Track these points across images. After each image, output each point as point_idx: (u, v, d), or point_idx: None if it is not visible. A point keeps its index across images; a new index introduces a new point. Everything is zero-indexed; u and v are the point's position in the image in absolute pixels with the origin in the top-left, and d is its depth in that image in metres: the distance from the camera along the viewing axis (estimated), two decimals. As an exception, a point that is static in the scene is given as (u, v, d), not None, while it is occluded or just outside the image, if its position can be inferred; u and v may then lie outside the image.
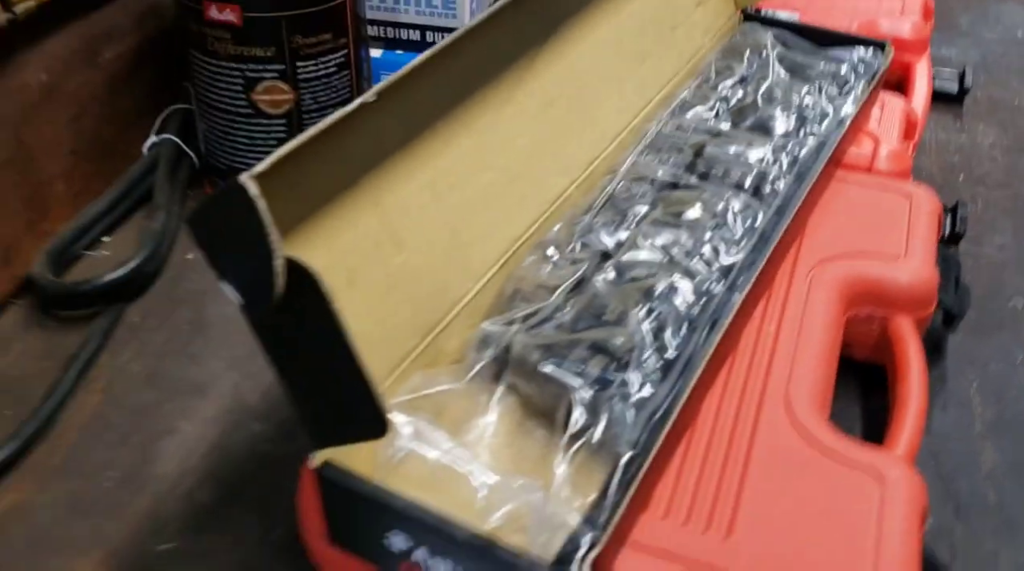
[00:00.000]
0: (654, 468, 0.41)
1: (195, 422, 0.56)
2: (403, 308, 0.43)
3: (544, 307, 0.47)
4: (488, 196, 0.48)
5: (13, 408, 0.56)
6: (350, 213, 0.41)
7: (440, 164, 0.44)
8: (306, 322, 0.34)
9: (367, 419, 0.35)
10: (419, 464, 0.41)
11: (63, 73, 0.64)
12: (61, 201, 0.66)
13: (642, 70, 0.61)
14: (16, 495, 0.52)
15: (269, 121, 0.67)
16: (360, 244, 0.41)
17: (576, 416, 0.42)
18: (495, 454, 0.43)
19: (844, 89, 0.65)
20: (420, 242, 0.44)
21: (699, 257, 0.50)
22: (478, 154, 0.47)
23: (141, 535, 0.50)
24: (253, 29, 0.63)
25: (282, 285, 0.33)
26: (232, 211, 0.32)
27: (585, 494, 0.40)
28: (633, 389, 0.43)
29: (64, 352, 0.59)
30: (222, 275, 0.34)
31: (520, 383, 0.45)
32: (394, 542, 0.38)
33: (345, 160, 0.39)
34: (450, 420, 0.43)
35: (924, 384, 0.52)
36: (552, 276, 0.49)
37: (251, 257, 0.33)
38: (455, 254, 0.46)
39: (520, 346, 0.45)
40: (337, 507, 0.39)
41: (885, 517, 0.43)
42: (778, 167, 0.57)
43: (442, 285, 0.46)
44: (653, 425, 0.41)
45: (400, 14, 0.76)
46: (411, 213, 0.43)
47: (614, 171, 0.57)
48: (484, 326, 0.46)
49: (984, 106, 0.88)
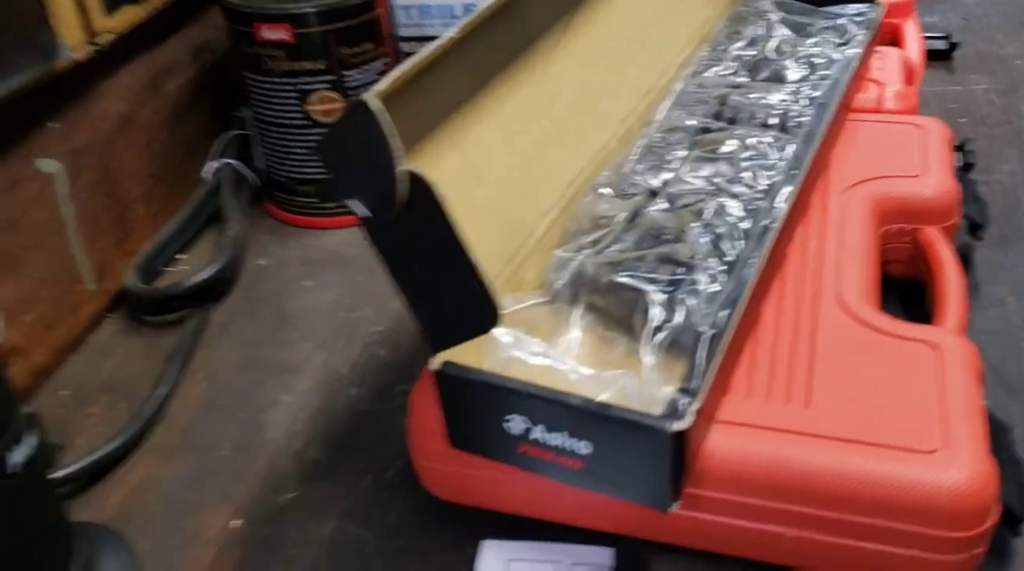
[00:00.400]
0: (731, 350, 0.46)
1: (295, 395, 0.61)
2: (488, 238, 0.48)
3: (607, 233, 0.52)
4: (546, 142, 0.53)
5: (125, 402, 0.61)
6: (435, 154, 0.46)
7: (505, 111, 0.50)
8: (424, 227, 0.39)
9: (481, 311, 0.40)
10: (522, 367, 0.45)
11: (136, 103, 0.70)
12: (142, 222, 0.72)
13: (660, 36, 0.66)
14: (144, 470, 0.56)
15: (324, 129, 0.72)
16: (447, 180, 0.46)
17: (654, 313, 0.47)
18: (584, 362, 0.47)
19: (845, 38, 0.70)
20: (496, 179, 0.49)
21: (740, 182, 0.55)
22: (534, 104, 0.52)
23: (264, 491, 0.54)
24: (304, 44, 0.69)
25: (405, 193, 0.38)
26: (358, 129, 0.37)
27: (674, 375, 0.44)
28: (702, 286, 0.47)
29: (161, 353, 0.64)
30: (348, 194, 0.40)
31: (597, 299, 0.49)
32: (513, 425, 0.42)
33: (428, 105, 0.45)
34: (539, 337, 0.48)
35: (961, 274, 0.57)
36: (609, 210, 0.54)
37: (376, 171, 0.38)
38: (525, 192, 0.51)
39: (592, 266, 0.50)
40: (457, 405, 0.44)
41: (946, 377, 0.47)
42: (798, 106, 0.62)
43: (517, 219, 0.51)
44: (727, 310, 0.46)
45: (427, 28, 0.82)
46: (486, 154, 0.48)
47: (648, 124, 0.62)
48: (557, 253, 0.51)
49: (973, 59, 0.94)
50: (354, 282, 0.70)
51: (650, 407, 0.42)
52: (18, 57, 0.55)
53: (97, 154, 0.66)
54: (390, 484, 0.54)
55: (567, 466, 0.42)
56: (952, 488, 0.42)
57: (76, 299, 0.65)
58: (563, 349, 0.48)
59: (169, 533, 0.52)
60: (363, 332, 0.65)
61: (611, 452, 0.41)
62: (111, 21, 0.63)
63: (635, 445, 0.40)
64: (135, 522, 0.53)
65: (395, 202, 0.38)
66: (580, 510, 0.49)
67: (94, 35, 0.62)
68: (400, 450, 0.56)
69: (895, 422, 0.45)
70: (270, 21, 0.68)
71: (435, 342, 0.43)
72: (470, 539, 0.50)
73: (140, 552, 0.51)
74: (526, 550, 0.49)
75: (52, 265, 0.63)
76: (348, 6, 0.69)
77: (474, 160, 0.48)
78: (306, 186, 0.75)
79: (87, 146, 0.65)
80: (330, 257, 0.73)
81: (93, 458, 0.54)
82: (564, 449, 0.42)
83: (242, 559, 0.50)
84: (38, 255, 0.61)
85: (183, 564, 0.50)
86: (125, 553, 0.50)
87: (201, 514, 0.53)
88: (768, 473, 0.44)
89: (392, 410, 0.59)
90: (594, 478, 0.42)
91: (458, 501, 0.51)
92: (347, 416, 0.59)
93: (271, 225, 0.78)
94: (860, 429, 0.45)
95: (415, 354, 0.63)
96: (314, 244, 0.75)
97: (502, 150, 0.50)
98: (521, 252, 0.51)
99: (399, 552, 0.50)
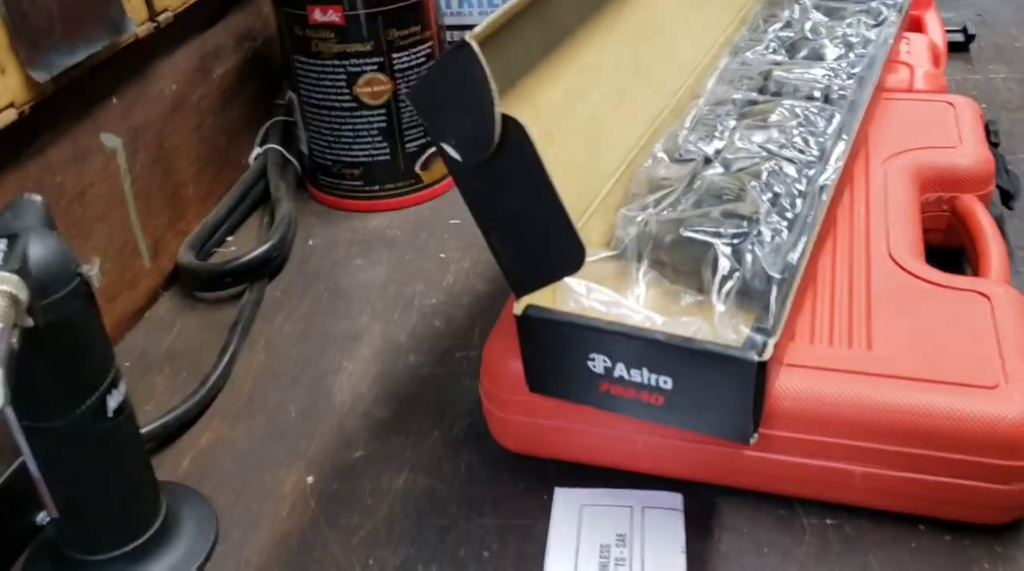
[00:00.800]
0: (797, 298, 0.47)
1: (356, 361, 0.62)
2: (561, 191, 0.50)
3: (669, 193, 0.54)
4: (607, 106, 0.55)
5: (188, 371, 0.62)
6: (514, 108, 0.48)
7: (571, 74, 0.52)
8: (515, 170, 0.41)
9: (567, 253, 0.42)
10: (596, 315, 0.47)
11: (187, 85, 0.71)
12: (193, 203, 0.73)
13: (704, 15, 0.69)
14: (213, 433, 0.57)
15: (371, 112, 0.74)
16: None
17: (723, 264, 0.48)
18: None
19: (878, 20, 0.73)
20: (565, 137, 0.51)
21: (793, 147, 0.57)
22: (596, 70, 0.54)
23: (334, 447, 0.56)
24: (354, 26, 0.71)
25: (498, 135, 0.40)
26: (456, 72, 0.39)
27: (746, 321, 0.46)
28: (767, 238, 0.49)
29: (219, 326, 0.66)
30: (441, 137, 0.41)
31: (662, 255, 0.51)
32: (596, 364, 0.44)
33: (510, 59, 0.46)
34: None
35: (999, 234, 0.59)
36: (669, 173, 0.56)
37: (472, 113, 0.40)
38: (590, 153, 0.53)
39: (657, 224, 0.52)
40: (540, 348, 0.45)
41: (998, 321, 0.49)
42: (840, 80, 0.65)
43: (583, 179, 0.52)
44: (795, 255, 0.47)
45: (466, 17, 0.85)
46: (557, 112, 0.50)
47: (696, 98, 0.64)
48: (622, 212, 0.53)
49: (990, 51, 0.97)
50: (404, 260, 0.72)
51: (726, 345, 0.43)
52: (91, 28, 0.57)
53: (153, 133, 0.67)
54: (457, 439, 0.55)
55: (649, 402, 0.44)
56: (1015, 419, 0.44)
57: (135, 274, 0.67)
58: (632, 302, 0.50)
59: (243, 487, 0.53)
60: (418, 304, 0.67)
61: (693, 386, 0.43)
62: (169, 0, 0.65)
63: (718, 377, 0.42)
64: (210, 479, 0.54)
65: (490, 144, 0.40)
66: (650, 457, 0.50)
67: (155, 13, 0.64)
68: (464, 409, 0.57)
69: (955, 361, 0.47)
70: (322, 3, 0.70)
71: (519, 285, 0.44)
72: (541, 488, 0.51)
73: (217, 506, 0.52)
74: (598, 496, 0.50)
75: (115, 239, 0.64)
76: (397, -11, 0.71)
77: (545, 117, 0.49)
78: (352, 169, 0.77)
79: (144, 124, 0.67)
80: (377, 238, 0.75)
81: (171, 416, 0.56)
82: (646, 385, 0.43)
83: (319, 510, 0.51)
84: (102, 228, 0.63)
85: (261, 515, 0.51)
86: (204, 505, 0.52)
87: (274, 470, 0.54)
88: (838, 411, 0.46)
89: (453, 374, 0.60)
90: (676, 413, 0.44)
91: (529, 452, 0.53)
92: (409, 379, 0.60)
93: (316, 208, 0.79)
94: (923, 368, 0.46)
95: (470, 324, 0.64)
96: (361, 226, 0.77)
97: (569, 111, 0.52)
98: (587, 212, 0.53)
99: (473, 499, 0.51)
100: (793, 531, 0.48)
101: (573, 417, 0.50)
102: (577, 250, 0.42)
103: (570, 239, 0.42)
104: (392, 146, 0.76)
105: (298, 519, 0.51)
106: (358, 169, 0.77)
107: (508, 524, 0.50)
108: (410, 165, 0.77)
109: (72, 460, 0.44)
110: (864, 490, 0.47)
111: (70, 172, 0.59)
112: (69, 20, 0.55)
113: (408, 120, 0.75)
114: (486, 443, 0.54)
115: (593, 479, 0.51)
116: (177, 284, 0.71)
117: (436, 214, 0.77)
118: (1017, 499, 0.46)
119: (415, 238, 0.74)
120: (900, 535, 0.47)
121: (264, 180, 0.79)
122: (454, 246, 0.73)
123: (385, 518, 0.51)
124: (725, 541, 0.48)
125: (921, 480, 0.46)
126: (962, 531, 0.47)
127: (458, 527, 0.50)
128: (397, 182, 0.77)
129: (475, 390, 0.57)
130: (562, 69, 0.51)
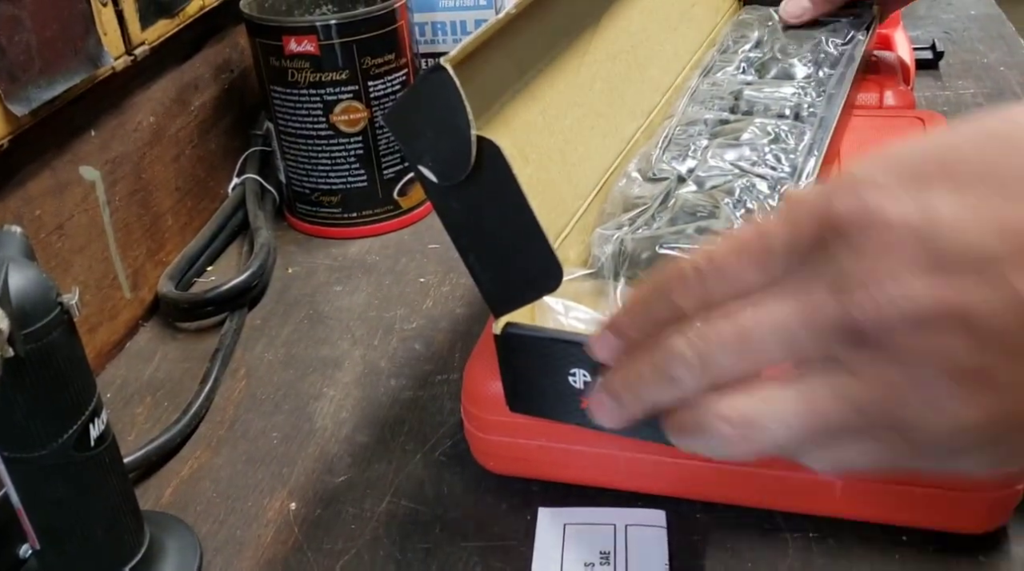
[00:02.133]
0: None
1: (337, 387, 0.62)
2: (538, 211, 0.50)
3: (643, 212, 0.55)
4: (582, 127, 0.56)
5: (169, 401, 0.62)
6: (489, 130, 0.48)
7: (546, 96, 0.52)
8: (490, 191, 0.41)
9: (546, 272, 0.42)
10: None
11: (165, 116, 0.72)
12: (172, 233, 0.73)
13: (675, 37, 0.70)
14: (197, 461, 0.57)
15: (348, 140, 0.75)
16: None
17: (699, 280, 0.49)
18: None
19: (847, 39, 0.74)
20: (541, 158, 0.51)
21: (765, 165, 0.58)
22: (571, 92, 0.55)
23: (316, 473, 0.56)
24: (329, 55, 0.71)
25: (475, 157, 0.40)
26: (431, 95, 0.39)
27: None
28: (741, 254, 0.50)
29: (200, 355, 0.66)
30: (417, 159, 0.42)
31: (639, 272, 0.52)
32: (576, 379, 0.44)
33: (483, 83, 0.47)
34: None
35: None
36: (643, 191, 0.57)
37: (448, 136, 0.40)
38: (566, 173, 0.54)
39: (632, 242, 0.52)
40: (520, 365, 0.45)
41: None
42: (809, 97, 0.66)
43: (559, 199, 0.53)
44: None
45: (439, 45, 0.85)
46: (532, 134, 0.51)
47: (668, 118, 0.65)
48: (598, 230, 0.54)
49: (958, 68, 0.98)
50: (383, 285, 0.72)
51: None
52: (69, 62, 0.57)
53: (131, 165, 0.68)
54: (440, 462, 0.55)
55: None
56: None
57: (116, 305, 0.67)
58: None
59: (227, 514, 0.53)
60: (398, 329, 0.67)
61: (672, 401, 0.43)
62: (146, 33, 0.66)
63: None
64: (193, 507, 0.54)
65: (467, 166, 0.40)
66: (633, 474, 0.50)
67: (132, 46, 0.64)
68: (446, 431, 0.57)
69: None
70: (297, 34, 0.71)
71: (498, 306, 0.45)
72: (524, 508, 0.51)
73: (200, 534, 0.52)
74: (581, 515, 0.50)
75: (94, 270, 0.64)
76: (372, 17, 0.71)
77: (521, 138, 0.50)
78: (330, 197, 0.77)
79: (123, 156, 0.67)
80: (356, 264, 0.75)
81: (153, 446, 0.56)
82: (626, 401, 0.44)
83: (302, 536, 0.51)
84: (82, 260, 0.63)
85: (244, 542, 0.51)
86: (187, 533, 0.52)
87: (257, 497, 0.54)
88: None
89: (434, 397, 0.60)
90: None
91: (512, 473, 0.53)
92: (390, 403, 0.60)
93: (295, 237, 0.80)
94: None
95: (451, 347, 0.65)
96: (340, 252, 0.77)
97: (544, 132, 0.52)
98: (563, 232, 0.53)
99: (457, 521, 0.51)
100: (777, 545, 0.49)
101: (554, 436, 0.50)
102: (554, 269, 0.42)
103: (547, 258, 0.42)
104: (370, 173, 0.76)
105: (282, 545, 0.51)
106: (336, 196, 0.77)
107: (492, 546, 0.50)
108: (388, 191, 0.77)
109: (54, 490, 0.44)
110: (846, 501, 0.48)
111: (49, 204, 0.60)
112: (47, 54, 0.56)
113: (385, 147, 0.76)
114: (469, 465, 0.54)
115: (577, 498, 0.51)
116: (157, 314, 0.71)
117: (415, 239, 0.78)
118: (999, 506, 0.46)
119: (394, 263, 0.75)
120: (884, 547, 0.48)
121: (243, 210, 0.79)
122: (433, 270, 0.73)
123: (369, 543, 0.51)
124: (709, 556, 0.48)
125: (902, 489, 0.46)
126: (945, 541, 0.48)
127: (442, 550, 0.50)
128: (375, 209, 0.78)
129: (457, 413, 0.58)
130: (537, 91, 0.52)
